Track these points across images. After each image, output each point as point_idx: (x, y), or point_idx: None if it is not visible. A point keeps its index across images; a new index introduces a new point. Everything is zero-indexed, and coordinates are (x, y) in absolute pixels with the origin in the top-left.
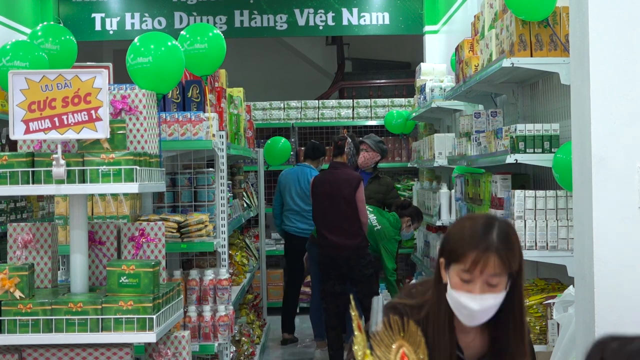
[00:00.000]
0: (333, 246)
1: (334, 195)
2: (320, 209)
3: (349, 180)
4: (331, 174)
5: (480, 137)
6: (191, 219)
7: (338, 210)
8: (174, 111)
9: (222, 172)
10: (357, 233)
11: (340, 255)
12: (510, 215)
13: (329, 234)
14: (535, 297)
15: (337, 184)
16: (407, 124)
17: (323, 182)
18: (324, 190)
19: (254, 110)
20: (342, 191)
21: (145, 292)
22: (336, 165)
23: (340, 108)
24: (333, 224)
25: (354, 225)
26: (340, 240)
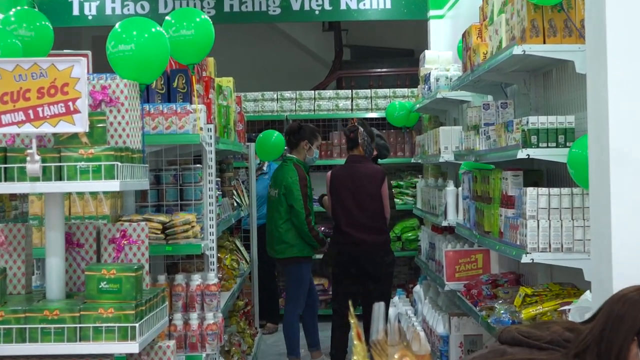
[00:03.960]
0: (358, 243)
1: (357, 191)
2: (343, 206)
3: (373, 175)
4: (352, 168)
5: (490, 131)
6: (177, 220)
7: (364, 207)
8: (158, 103)
9: (210, 169)
10: (383, 229)
11: (365, 252)
12: (522, 215)
13: (354, 231)
14: (549, 303)
15: (359, 179)
16: (410, 116)
17: (343, 177)
18: (346, 186)
19: (245, 102)
20: (367, 187)
21: (127, 298)
22: (355, 159)
23: (338, 99)
24: (358, 221)
25: (379, 222)
26: (366, 237)
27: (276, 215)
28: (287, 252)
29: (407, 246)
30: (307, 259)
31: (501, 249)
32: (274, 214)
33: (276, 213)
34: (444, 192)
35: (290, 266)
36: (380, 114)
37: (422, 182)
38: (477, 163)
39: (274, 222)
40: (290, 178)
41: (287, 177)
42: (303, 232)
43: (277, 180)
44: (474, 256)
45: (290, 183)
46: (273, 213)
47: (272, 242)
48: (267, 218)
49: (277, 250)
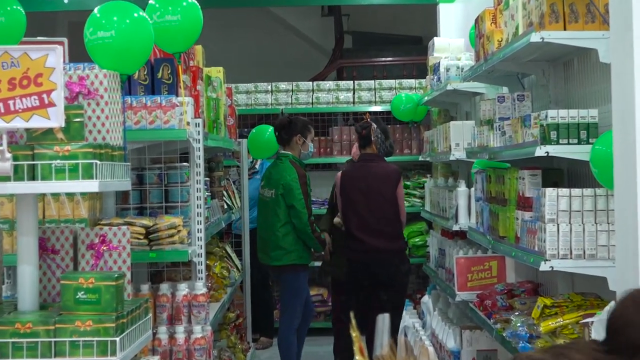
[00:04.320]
0: (372, 251)
1: (371, 193)
2: (355, 209)
3: (388, 175)
4: (364, 168)
5: (505, 126)
6: (161, 223)
7: (378, 210)
8: (141, 95)
9: (198, 168)
10: (399, 235)
11: (379, 260)
12: (541, 219)
13: (368, 237)
14: (570, 315)
15: (373, 180)
16: (417, 109)
17: (355, 177)
18: (358, 187)
19: (237, 94)
20: (381, 188)
21: (106, 309)
22: (368, 158)
23: (338, 91)
24: (373, 226)
25: (395, 227)
26: (381, 243)
27: (273, 219)
28: (284, 259)
29: (415, 252)
30: (305, 267)
31: (517, 256)
32: (271, 217)
33: (273, 216)
34: (455, 193)
35: (286, 274)
36: (385, 107)
37: (431, 182)
38: (491, 161)
39: (269, 226)
40: (289, 176)
41: (285, 175)
42: (305, 235)
43: (272, 179)
44: (488, 263)
45: (290, 181)
46: (268, 216)
47: (266, 248)
48: (259, 222)
49: (273, 256)
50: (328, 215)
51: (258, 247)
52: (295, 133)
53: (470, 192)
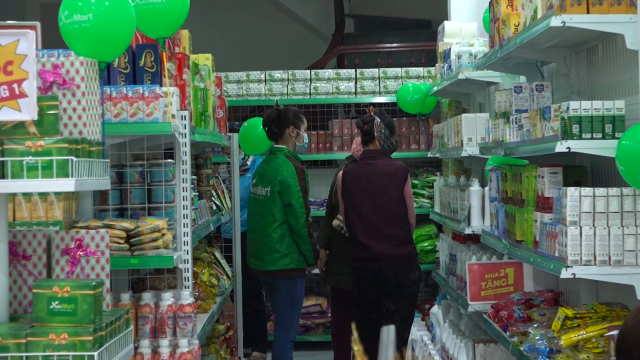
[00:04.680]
0: (378, 258)
1: (376, 194)
2: (358, 212)
3: (394, 172)
4: (368, 166)
5: (522, 119)
6: (144, 226)
7: (383, 212)
8: (121, 85)
9: (184, 165)
10: (407, 238)
11: (386, 268)
12: (562, 221)
13: (374, 242)
14: (594, 327)
15: (378, 179)
16: (426, 101)
17: (358, 177)
18: (362, 187)
19: (227, 84)
20: (387, 188)
21: (83, 321)
22: (372, 155)
23: (339, 80)
24: (377, 230)
25: (403, 230)
26: (388, 249)
27: (268, 219)
28: (279, 263)
29: (423, 258)
30: (302, 273)
31: (536, 262)
32: (265, 216)
33: (268, 215)
34: (467, 193)
35: (282, 281)
36: (390, 98)
37: (441, 180)
38: (507, 158)
39: (263, 227)
40: (286, 171)
41: (281, 170)
42: (300, 238)
43: (266, 175)
44: (504, 270)
45: (287, 177)
46: (262, 216)
47: (258, 251)
48: (250, 223)
49: (267, 260)
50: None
51: (248, 252)
52: (287, 125)
53: (484, 192)
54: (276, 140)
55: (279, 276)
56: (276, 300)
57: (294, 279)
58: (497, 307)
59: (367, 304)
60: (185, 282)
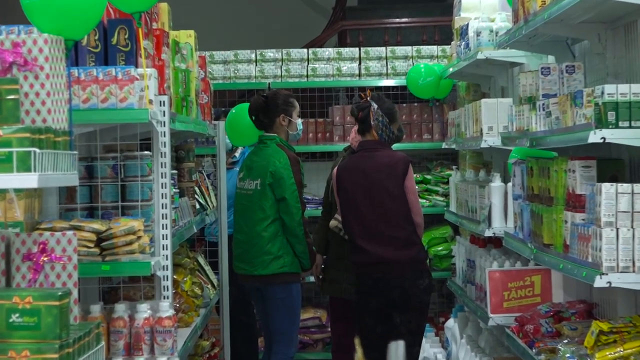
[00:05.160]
0: (379, 263)
1: (374, 190)
2: (355, 212)
3: (393, 165)
4: (364, 159)
5: (551, 105)
6: (117, 228)
7: (383, 211)
8: (91, 66)
9: (163, 157)
10: (412, 240)
11: (389, 274)
12: (596, 222)
13: (374, 245)
14: (633, 344)
15: (375, 173)
16: (440, 84)
17: (353, 171)
18: (358, 183)
19: (212, 65)
20: (384, 182)
21: (48, 336)
22: (368, 146)
23: (340, 60)
24: (377, 231)
25: (406, 230)
26: (390, 253)
27: (258, 215)
28: (270, 267)
29: (437, 265)
30: (297, 278)
31: (566, 269)
32: (255, 213)
33: (258, 212)
34: (488, 190)
35: (275, 288)
36: (399, 81)
37: (457, 175)
38: (533, 149)
39: (252, 226)
40: (278, 162)
41: (273, 161)
42: (295, 238)
43: (255, 167)
44: (529, 278)
45: (280, 168)
46: (251, 213)
47: (246, 254)
48: (236, 222)
49: (257, 264)
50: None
51: (234, 255)
52: (277, 113)
53: (506, 189)
54: (266, 130)
55: (271, 282)
56: (271, 312)
57: (289, 285)
58: (522, 320)
59: (370, 316)
60: (165, 291)
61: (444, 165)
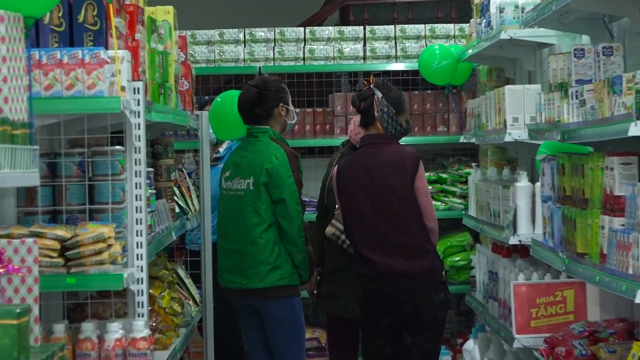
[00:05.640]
0: (387, 275)
1: (378, 191)
2: (358, 216)
3: (400, 162)
4: (368, 156)
5: (585, 92)
6: (84, 234)
7: (389, 215)
8: (54, 47)
9: (137, 153)
10: (424, 248)
11: (399, 288)
12: (637, 226)
13: (380, 255)
14: None
15: (380, 172)
16: (458, 68)
17: (355, 170)
18: (360, 184)
19: (194, 46)
20: (391, 182)
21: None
22: (372, 141)
23: (342, 41)
24: (384, 238)
25: (418, 237)
26: (397, 263)
27: (252, 220)
28: (268, 279)
29: (453, 277)
30: (298, 290)
31: (603, 282)
32: (247, 217)
33: (251, 216)
34: (513, 190)
35: (274, 304)
36: (410, 64)
37: (478, 173)
38: (565, 144)
39: (243, 231)
40: (275, 158)
41: (269, 157)
42: (294, 246)
43: (244, 164)
44: (561, 293)
45: (278, 165)
46: (241, 217)
47: (236, 264)
48: (222, 227)
49: (252, 275)
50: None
51: (220, 266)
52: (275, 103)
53: (534, 189)
54: (259, 123)
55: (269, 296)
56: (273, 333)
57: (291, 299)
58: (553, 341)
59: (378, 337)
60: (139, 308)
61: (462, 162)
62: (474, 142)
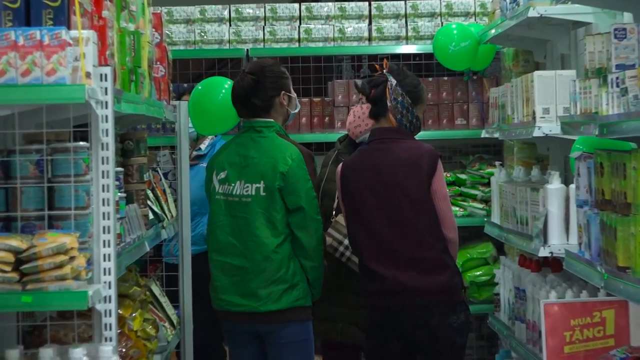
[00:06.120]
0: (397, 292)
1: (389, 194)
2: (365, 224)
3: (416, 160)
4: (378, 153)
5: (627, 79)
6: (42, 245)
7: (402, 223)
8: (7, 27)
9: (104, 150)
10: (442, 261)
11: (412, 308)
12: None
13: (387, 268)
14: None
15: (392, 172)
16: (478, 51)
17: (363, 169)
18: (369, 186)
19: (170, 25)
20: (403, 184)
21: None
22: (383, 135)
23: (343, 19)
24: (393, 248)
25: (433, 247)
26: (410, 278)
27: (265, 230)
28: (284, 300)
29: (473, 295)
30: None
31: None
32: (256, 229)
33: (264, 227)
34: (543, 193)
35: (292, 326)
36: (423, 47)
37: (502, 174)
38: (605, 139)
39: (252, 246)
40: (291, 159)
41: (283, 157)
42: (312, 261)
43: (252, 165)
44: (599, 314)
45: (295, 168)
46: (249, 227)
47: (246, 283)
48: (222, 239)
49: (265, 296)
50: None
51: (218, 286)
52: (277, 92)
53: (568, 192)
54: (257, 115)
55: (282, 320)
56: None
57: (307, 324)
58: None
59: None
60: (106, 331)
61: (484, 161)
62: (497, 137)
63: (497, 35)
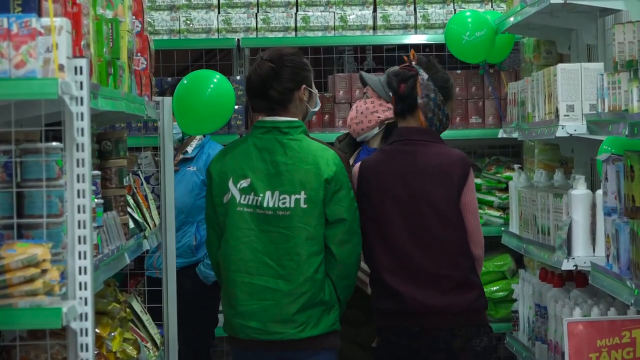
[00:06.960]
0: (417, 312)
1: (414, 204)
2: (383, 234)
3: (447, 168)
4: (405, 156)
5: None
6: (11, 257)
7: (426, 237)
8: None
9: (80, 152)
10: (469, 282)
11: (432, 330)
12: None
13: (406, 285)
14: None
15: (419, 179)
16: (495, 41)
17: (386, 174)
18: (391, 193)
19: (153, 12)
20: (431, 193)
21: None
22: (413, 137)
23: (345, 5)
24: (416, 265)
25: (461, 266)
26: (432, 298)
27: (307, 248)
28: (322, 324)
29: (490, 313)
30: None
31: None
32: (299, 245)
33: (306, 243)
34: (567, 199)
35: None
36: (435, 36)
37: (522, 177)
38: (635, 140)
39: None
40: (334, 164)
41: (327, 162)
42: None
43: (287, 172)
44: (629, 333)
45: (339, 175)
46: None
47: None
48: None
49: (304, 321)
50: None
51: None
52: (297, 85)
53: (594, 198)
54: (273, 111)
55: (319, 347)
56: None
57: (336, 351)
58: None
59: None
60: (82, 352)
61: (501, 164)
62: (516, 137)
63: (516, 23)
